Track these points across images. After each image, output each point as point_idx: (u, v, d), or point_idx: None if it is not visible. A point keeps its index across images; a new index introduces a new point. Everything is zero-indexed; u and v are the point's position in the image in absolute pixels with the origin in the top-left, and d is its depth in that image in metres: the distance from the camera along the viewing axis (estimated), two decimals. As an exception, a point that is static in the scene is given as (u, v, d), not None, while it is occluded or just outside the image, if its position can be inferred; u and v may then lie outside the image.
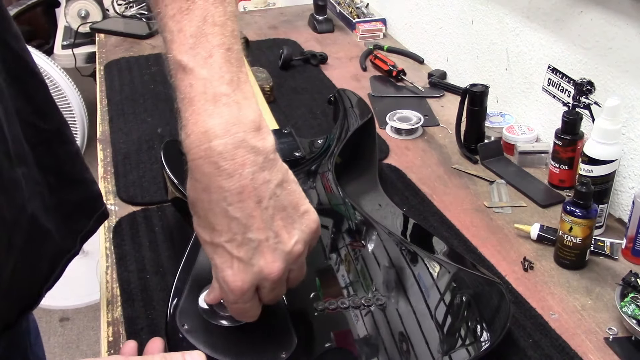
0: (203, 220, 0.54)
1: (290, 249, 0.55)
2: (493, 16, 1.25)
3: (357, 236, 0.81)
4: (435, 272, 0.75)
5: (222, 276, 0.55)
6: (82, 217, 0.76)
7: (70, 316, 2.21)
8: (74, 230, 0.75)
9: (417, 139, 1.21)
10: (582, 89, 0.97)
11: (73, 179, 0.74)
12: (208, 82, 0.52)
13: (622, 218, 0.97)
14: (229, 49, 0.53)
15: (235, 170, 0.51)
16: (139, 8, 2.07)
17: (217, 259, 0.55)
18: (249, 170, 0.52)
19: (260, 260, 0.54)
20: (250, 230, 0.53)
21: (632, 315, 0.74)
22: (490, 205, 1.00)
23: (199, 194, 0.53)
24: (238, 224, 0.52)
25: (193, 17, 0.53)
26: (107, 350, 0.74)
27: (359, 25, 1.72)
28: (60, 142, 0.72)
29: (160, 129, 1.23)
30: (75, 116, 2.19)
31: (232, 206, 0.52)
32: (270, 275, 0.54)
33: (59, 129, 0.73)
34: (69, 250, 0.74)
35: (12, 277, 0.65)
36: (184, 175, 0.55)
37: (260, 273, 0.54)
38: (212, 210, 0.53)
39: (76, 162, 0.75)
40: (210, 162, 0.51)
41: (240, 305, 0.57)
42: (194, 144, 0.51)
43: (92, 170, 0.79)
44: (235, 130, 0.51)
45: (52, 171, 0.71)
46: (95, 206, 0.79)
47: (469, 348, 0.67)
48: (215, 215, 0.53)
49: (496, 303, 0.72)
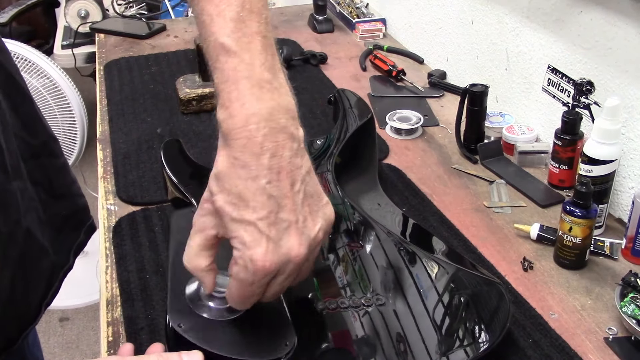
0: (235, 197, 0.54)
1: (315, 235, 0.56)
2: (493, 16, 1.25)
3: (357, 236, 0.81)
4: (435, 273, 0.75)
5: (250, 254, 0.54)
6: (72, 230, 0.77)
7: (70, 316, 2.21)
8: (66, 244, 0.76)
9: (417, 139, 1.21)
10: (582, 89, 0.97)
11: (61, 193, 0.75)
12: (251, 67, 0.54)
13: (622, 218, 0.97)
14: (265, 36, 0.56)
15: (277, 151, 0.54)
16: (139, 8, 2.07)
17: (247, 237, 0.54)
18: (288, 154, 0.54)
19: (288, 242, 0.54)
20: (283, 210, 0.54)
21: (631, 315, 0.74)
22: (490, 205, 1.00)
23: (235, 170, 0.54)
24: (274, 202, 0.54)
25: (232, 2, 0.55)
26: (106, 350, 0.74)
27: (359, 25, 1.72)
28: (47, 156, 0.73)
29: (160, 129, 1.23)
30: (75, 116, 2.19)
31: (271, 184, 0.53)
32: (295, 259, 0.55)
33: (46, 142, 0.73)
34: (63, 265, 0.75)
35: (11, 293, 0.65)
36: (184, 175, 0.56)
37: (287, 255, 0.55)
38: (248, 188, 0.53)
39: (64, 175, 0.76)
40: (254, 142, 0.53)
41: (253, 288, 0.56)
42: (239, 124, 0.53)
43: (92, 170, 0.80)
44: (279, 116, 0.54)
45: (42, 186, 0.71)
46: (83, 219, 0.79)
47: (467, 348, 0.67)
48: (252, 192, 0.53)
49: (496, 303, 0.72)
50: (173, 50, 1.64)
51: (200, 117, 1.27)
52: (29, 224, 0.67)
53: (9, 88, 0.68)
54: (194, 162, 0.90)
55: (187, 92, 1.28)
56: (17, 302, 0.67)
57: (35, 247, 0.68)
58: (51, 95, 2.10)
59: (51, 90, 2.09)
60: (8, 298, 0.65)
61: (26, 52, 2.07)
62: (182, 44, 1.70)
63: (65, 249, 0.75)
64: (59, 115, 2.13)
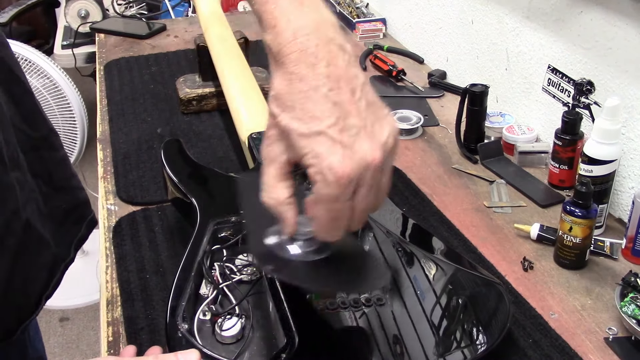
0: (299, 111, 0.53)
1: (385, 140, 0.54)
2: (493, 16, 1.25)
3: (356, 236, 0.81)
4: (435, 273, 0.75)
5: (328, 163, 0.52)
6: (73, 224, 0.77)
7: (70, 316, 2.21)
8: (67, 238, 0.76)
9: (417, 139, 1.21)
10: (582, 89, 0.97)
11: (61, 186, 0.75)
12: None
13: (622, 218, 0.97)
14: None
15: (331, 60, 0.53)
16: (139, 8, 2.07)
17: (320, 147, 0.52)
18: (342, 64, 0.54)
19: (363, 146, 0.53)
20: (349, 115, 0.53)
21: (632, 315, 0.74)
22: (490, 205, 1.00)
23: (294, 85, 0.53)
24: (340, 108, 0.53)
25: None
26: (107, 350, 0.74)
27: (359, 25, 1.72)
28: (47, 149, 0.73)
29: (160, 129, 1.23)
30: (75, 116, 2.19)
31: (333, 91, 0.52)
32: (373, 162, 0.53)
33: (47, 135, 0.73)
34: (65, 258, 0.75)
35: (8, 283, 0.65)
36: (185, 175, 0.55)
37: (364, 159, 0.52)
38: (310, 98, 0.52)
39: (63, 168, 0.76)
40: (308, 53, 0.53)
41: (339, 205, 0.54)
42: (289, 39, 0.53)
43: (92, 170, 0.80)
44: (325, 29, 0.54)
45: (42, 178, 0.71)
46: (84, 213, 0.79)
47: (467, 349, 0.67)
48: (315, 102, 0.52)
49: (496, 304, 0.72)
50: (173, 50, 1.64)
51: (200, 117, 1.27)
52: (29, 215, 0.67)
53: (8, 82, 0.68)
54: (194, 162, 0.90)
55: (187, 92, 1.28)
56: (15, 293, 0.67)
57: (35, 238, 0.69)
58: (51, 95, 2.10)
59: (51, 90, 2.09)
60: (5, 288, 0.65)
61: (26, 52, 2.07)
62: (182, 44, 1.70)
63: (66, 242, 0.75)
64: (59, 115, 2.13)
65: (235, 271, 0.72)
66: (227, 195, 0.84)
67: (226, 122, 1.23)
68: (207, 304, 0.67)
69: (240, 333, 0.65)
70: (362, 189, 0.54)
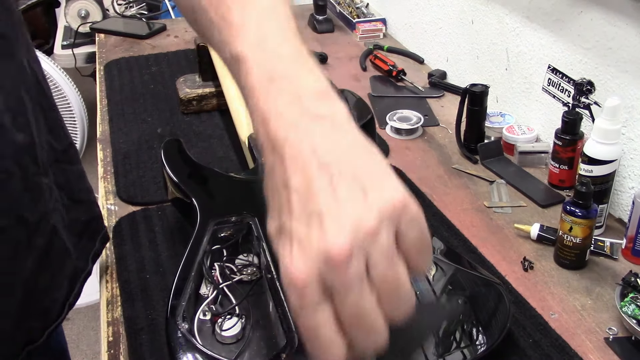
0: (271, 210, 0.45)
1: (358, 222, 0.41)
2: (493, 16, 1.25)
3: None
4: (435, 273, 0.75)
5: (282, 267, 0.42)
6: (90, 238, 0.77)
7: (70, 316, 2.20)
8: (85, 250, 0.76)
9: (417, 139, 1.21)
10: (582, 89, 0.97)
11: (80, 199, 0.76)
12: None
13: (622, 218, 0.97)
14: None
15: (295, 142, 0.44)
16: (139, 8, 2.07)
17: (280, 249, 0.43)
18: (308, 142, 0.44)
19: (325, 234, 0.41)
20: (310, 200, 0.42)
21: (632, 315, 0.74)
22: (490, 205, 1.00)
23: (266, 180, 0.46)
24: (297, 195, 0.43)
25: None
26: (107, 350, 0.74)
27: (359, 25, 1.72)
28: (68, 162, 0.74)
29: (160, 129, 1.23)
30: (75, 116, 2.19)
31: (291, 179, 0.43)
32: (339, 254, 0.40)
33: (67, 149, 0.74)
34: (84, 270, 0.75)
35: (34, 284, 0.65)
36: (185, 175, 0.55)
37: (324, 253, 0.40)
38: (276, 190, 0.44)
39: (82, 182, 0.77)
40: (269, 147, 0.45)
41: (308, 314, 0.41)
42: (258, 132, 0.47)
43: (92, 170, 0.80)
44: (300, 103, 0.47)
45: (65, 190, 0.72)
46: (97, 227, 0.80)
47: (466, 350, 0.67)
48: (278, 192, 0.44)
49: (496, 304, 0.72)
50: (173, 50, 1.64)
51: (200, 117, 1.27)
52: (55, 222, 0.68)
53: (38, 94, 0.69)
54: (195, 162, 0.90)
55: (187, 92, 1.28)
56: (41, 295, 0.67)
57: (60, 246, 0.69)
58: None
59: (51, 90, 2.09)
60: (31, 288, 0.65)
61: (26, 52, 2.06)
62: (182, 44, 1.70)
63: (84, 254, 0.76)
64: (59, 115, 2.13)
65: (235, 271, 0.72)
66: (227, 195, 0.84)
67: (226, 122, 1.23)
68: (207, 304, 0.67)
69: (240, 333, 0.65)
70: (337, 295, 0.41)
